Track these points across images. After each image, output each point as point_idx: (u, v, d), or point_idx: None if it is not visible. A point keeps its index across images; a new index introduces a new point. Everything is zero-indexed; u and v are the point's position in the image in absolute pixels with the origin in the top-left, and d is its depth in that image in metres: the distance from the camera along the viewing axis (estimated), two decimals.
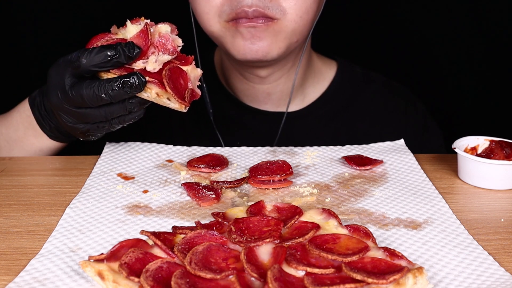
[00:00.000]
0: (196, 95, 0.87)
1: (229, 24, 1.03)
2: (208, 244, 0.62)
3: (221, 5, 1.02)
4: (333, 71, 1.27)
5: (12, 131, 1.02)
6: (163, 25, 0.86)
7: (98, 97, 0.82)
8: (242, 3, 0.99)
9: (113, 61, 0.81)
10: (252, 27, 1.01)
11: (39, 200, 0.83)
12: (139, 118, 0.88)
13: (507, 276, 0.64)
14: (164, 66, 0.84)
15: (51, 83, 0.86)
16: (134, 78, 0.80)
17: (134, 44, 0.82)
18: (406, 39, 1.68)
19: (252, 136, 1.19)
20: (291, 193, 0.85)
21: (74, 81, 0.84)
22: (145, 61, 0.83)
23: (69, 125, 0.89)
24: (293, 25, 1.04)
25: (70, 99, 0.84)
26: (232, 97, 1.23)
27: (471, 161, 0.88)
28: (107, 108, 0.84)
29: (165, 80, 0.82)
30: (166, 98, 0.83)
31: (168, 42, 0.85)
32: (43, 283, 0.61)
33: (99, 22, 1.54)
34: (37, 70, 1.63)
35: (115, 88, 0.81)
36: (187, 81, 0.86)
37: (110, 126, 0.88)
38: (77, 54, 0.83)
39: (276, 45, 1.04)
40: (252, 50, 1.03)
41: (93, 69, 0.82)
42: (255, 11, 1.00)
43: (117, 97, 0.82)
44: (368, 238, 0.66)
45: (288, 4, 1.01)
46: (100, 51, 0.81)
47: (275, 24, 1.02)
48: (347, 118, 1.24)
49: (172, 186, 0.87)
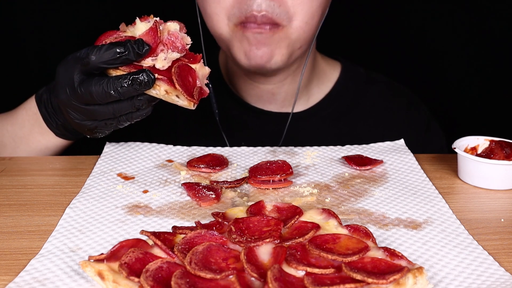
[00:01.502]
0: (204, 93, 0.87)
1: (237, 28, 1.04)
2: (208, 244, 0.62)
3: (231, 7, 1.03)
4: (337, 72, 1.28)
5: (18, 129, 1.02)
6: (172, 23, 0.86)
7: (107, 94, 0.82)
8: (252, 7, 1.00)
9: (122, 58, 0.82)
10: (259, 33, 1.02)
11: (39, 200, 0.83)
12: (147, 115, 0.88)
13: (507, 276, 0.64)
14: (173, 64, 0.84)
15: (59, 80, 0.86)
16: (143, 75, 0.81)
17: (143, 41, 0.83)
18: (408, 41, 1.68)
19: (256, 137, 1.19)
20: (291, 193, 0.85)
21: (83, 78, 0.84)
22: (154, 59, 0.84)
23: (77, 122, 0.89)
24: (298, 32, 1.05)
25: (78, 96, 0.84)
26: (237, 97, 1.23)
27: (471, 161, 0.88)
28: (116, 105, 0.85)
29: (174, 77, 0.82)
30: (174, 95, 0.83)
31: (177, 40, 0.85)
32: (43, 283, 0.61)
33: (102, 21, 1.55)
34: (38, 69, 1.63)
35: (124, 85, 0.81)
36: (196, 79, 0.86)
37: (117, 123, 0.88)
38: (86, 51, 0.83)
39: (279, 51, 1.05)
40: (257, 55, 1.04)
41: (102, 66, 0.83)
42: (263, 16, 1.01)
43: (126, 94, 0.82)
44: (368, 238, 0.66)
45: (296, 10, 1.02)
46: (109, 48, 0.81)
47: (280, 31, 1.03)
48: (351, 119, 1.25)
49: (172, 186, 0.87)
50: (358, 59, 1.35)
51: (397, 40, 1.68)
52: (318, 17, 1.07)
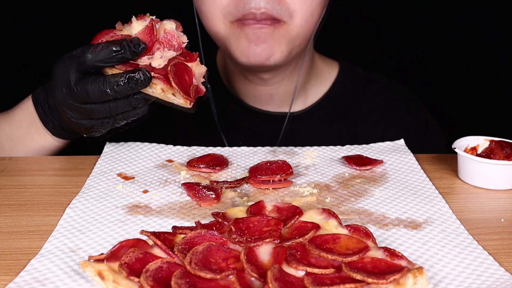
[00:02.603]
0: (200, 91, 0.87)
1: (234, 24, 1.03)
2: (208, 244, 0.62)
3: (227, 6, 1.02)
4: (335, 71, 1.27)
5: (14, 128, 1.02)
6: (168, 21, 0.86)
7: (103, 93, 0.82)
8: (250, 5, 0.99)
9: (118, 57, 0.81)
10: (259, 28, 1.01)
11: (39, 200, 0.83)
12: (143, 114, 0.88)
13: (507, 276, 0.64)
14: (169, 62, 0.84)
15: (56, 78, 0.86)
16: (140, 74, 0.81)
17: (140, 39, 0.83)
18: (407, 40, 1.68)
19: (254, 137, 1.19)
20: (291, 193, 0.85)
21: (79, 77, 0.84)
22: (150, 57, 0.84)
23: (73, 121, 0.89)
24: (298, 29, 1.04)
25: (75, 95, 0.84)
26: (235, 98, 1.23)
27: (471, 161, 0.88)
28: (112, 103, 0.84)
29: (170, 75, 0.82)
30: (171, 94, 0.83)
31: (173, 38, 0.85)
32: (43, 283, 0.61)
33: (99, 20, 1.55)
34: (36, 68, 1.63)
35: (120, 83, 0.81)
36: (192, 77, 0.86)
37: (114, 122, 0.88)
38: (82, 50, 0.83)
39: (279, 48, 1.04)
40: (256, 53, 1.03)
41: (98, 65, 0.82)
42: (263, 14, 1.00)
43: (122, 93, 0.82)
44: (368, 238, 0.66)
45: (296, 7, 1.01)
46: (105, 46, 0.81)
47: (281, 27, 1.02)
48: (349, 119, 1.24)
49: (172, 186, 0.87)
50: (357, 59, 1.34)
51: (397, 39, 1.67)
52: (317, 15, 1.07)
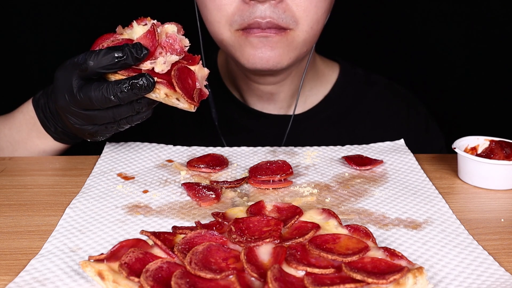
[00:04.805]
0: (204, 94, 0.86)
1: (239, 32, 1.02)
2: (208, 244, 0.62)
3: (232, 15, 1.01)
4: (335, 73, 1.27)
5: (15, 132, 1.02)
6: (170, 25, 0.85)
7: (107, 99, 0.81)
8: (255, 14, 0.98)
9: (120, 63, 0.80)
10: (264, 37, 1.01)
11: (39, 200, 0.83)
12: (147, 117, 0.87)
13: (507, 276, 0.64)
14: (172, 66, 0.83)
15: (58, 85, 0.85)
16: (143, 80, 0.80)
17: (142, 45, 0.81)
18: (408, 41, 1.68)
19: (255, 139, 1.18)
20: (291, 193, 0.85)
21: (82, 84, 0.83)
22: (153, 62, 0.83)
23: (77, 127, 0.88)
24: (305, 36, 1.03)
25: (78, 102, 0.83)
26: (236, 100, 1.23)
27: (471, 161, 0.88)
28: (115, 109, 0.84)
29: (174, 80, 0.81)
30: (175, 98, 0.82)
31: (175, 42, 0.84)
32: (43, 283, 0.61)
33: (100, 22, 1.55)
34: (37, 71, 1.63)
35: (123, 90, 0.80)
36: (195, 81, 0.85)
37: (118, 127, 0.88)
38: (84, 57, 0.82)
39: (287, 55, 1.03)
40: (263, 60, 1.02)
41: (101, 71, 0.81)
42: (268, 23, 0.99)
43: (126, 99, 0.81)
44: (368, 238, 0.66)
45: (301, 15, 1.01)
46: (107, 53, 0.80)
47: (288, 34, 1.02)
48: (350, 121, 1.24)
49: (172, 186, 0.87)
50: (357, 60, 1.34)
51: (397, 40, 1.67)
52: (323, 21, 1.07)
